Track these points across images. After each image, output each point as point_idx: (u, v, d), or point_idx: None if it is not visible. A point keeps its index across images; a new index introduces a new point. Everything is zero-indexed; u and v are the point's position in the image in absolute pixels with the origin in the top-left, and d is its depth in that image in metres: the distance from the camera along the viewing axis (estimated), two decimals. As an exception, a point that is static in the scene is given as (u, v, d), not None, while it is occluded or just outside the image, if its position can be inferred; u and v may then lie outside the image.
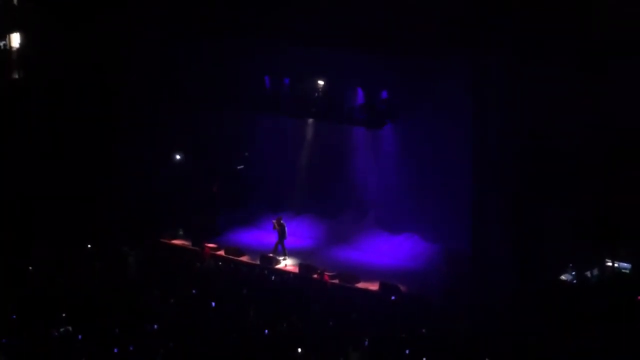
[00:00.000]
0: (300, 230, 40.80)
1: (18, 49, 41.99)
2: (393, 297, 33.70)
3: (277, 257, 37.91)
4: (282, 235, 38.48)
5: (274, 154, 42.59)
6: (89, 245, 37.44)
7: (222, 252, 38.96)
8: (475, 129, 34.38)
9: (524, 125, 33.50)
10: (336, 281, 35.67)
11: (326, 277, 35.51)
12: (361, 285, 35.46)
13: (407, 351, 27.95)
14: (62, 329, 28.07)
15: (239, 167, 43.24)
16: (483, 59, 33.60)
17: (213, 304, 30.89)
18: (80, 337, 27.80)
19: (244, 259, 38.40)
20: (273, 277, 36.22)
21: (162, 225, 40.66)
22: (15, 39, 41.87)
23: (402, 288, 34.45)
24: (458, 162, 35.68)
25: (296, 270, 37.03)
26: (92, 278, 33.66)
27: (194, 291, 32.70)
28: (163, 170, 42.06)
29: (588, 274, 33.49)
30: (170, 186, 41.82)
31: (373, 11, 34.90)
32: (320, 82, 38.61)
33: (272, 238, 38.86)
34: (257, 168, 43.08)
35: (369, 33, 35.04)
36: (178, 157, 42.48)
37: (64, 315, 29.16)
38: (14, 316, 29.37)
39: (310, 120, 41.28)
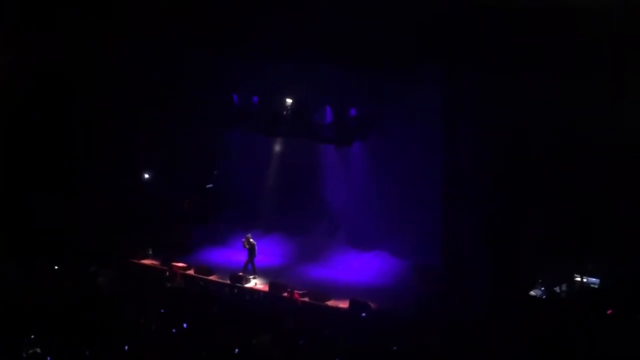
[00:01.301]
0: (270, 248, 40.67)
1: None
2: (363, 314, 33.63)
3: (247, 276, 37.77)
4: (251, 253, 38.36)
5: (243, 171, 42.60)
6: (56, 266, 37.06)
7: (191, 271, 38.77)
8: (445, 144, 34.51)
9: (494, 139, 33.66)
10: (306, 299, 35.57)
11: (296, 295, 35.41)
12: (331, 302, 35.37)
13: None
14: (30, 351, 27.79)
15: (208, 186, 43.13)
16: (452, 74, 33.81)
17: (184, 324, 30.70)
18: (49, 358, 27.53)
19: (214, 277, 38.20)
20: (243, 296, 36.07)
21: (131, 245, 40.36)
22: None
23: (373, 305, 34.38)
24: (428, 178, 35.83)
25: (266, 288, 36.90)
26: (61, 298, 33.34)
27: (162, 310, 32.50)
28: (133, 189, 41.85)
29: (557, 289, 33.64)
30: (139, 204, 41.60)
31: (341, 28, 34.91)
32: (289, 100, 38.62)
33: (241, 256, 38.73)
34: (226, 186, 42.98)
35: (338, 49, 35.05)
36: (147, 175, 42.28)
37: (32, 336, 28.86)
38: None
39: (280, 138, 41.25)
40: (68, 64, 40.25)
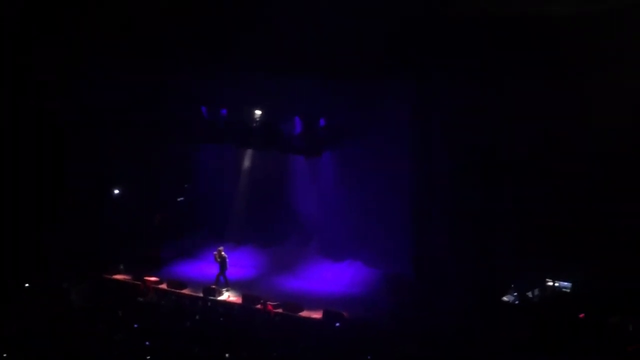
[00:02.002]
0: (242, 260, 40.59)
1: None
2: (337, 324, 33.64)
3: (220, 289, 37.69)
4: (223, 266, 38.28)
5: (213, 184, 42.51)
6: (27, 284, 36.84)
7: (164, 285, 38.62)
8: (415, 154, 34.63)
9: (464, 148, 33.83)
10: (280, 310, 35.50)
11: (270, 307, 35.35)
12: (305, 313, 35.30)
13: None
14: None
15: (179, 199, 43.04)
16: (422, 83, 33.94)
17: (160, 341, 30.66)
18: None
19: (186, 291, 38.04)
20: (216, 309, 35.99)
21: (103, 260, 40.15)
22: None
23: (346, 315, 34.38)
24: (399, 187, 35.94)
25: (239, 301, 36.78)
26: (33, 315, 33.18)
27: (136, 325, 32.39)
28: (103, 204, 41.69)
29: (529, 294, 33.78)
30: (111, 219, 41.43)
31: (310, 39, 34.99)
32: (258, 112, 38.64)
33: (214, 269, 38.61)
34: (198, 199, 42.88)
35: (307, 61, 35.12)
36: (116, 191, 42.15)
37: (4, 355, 28.70)
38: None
39: (250, 150, 41.26)
40: (38, 79, 40.11)
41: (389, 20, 33.47)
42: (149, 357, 29.23)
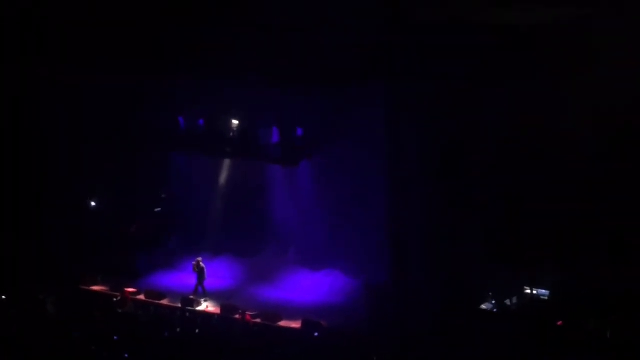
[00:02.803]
0: (220, 270, 40.49)
1: None
2: (316, 334, 33.63)
3: (198, 299, 37.61)
4: (201, 276, 38.23)
5: (190, 194, 42.45)
6: (3, 296, 36.62)
7: (142, 296, 38.49)
8: (389, 160, 34.72)
9: (438, 154, 33.96)
10: (258, 320, 35.49)
11: (248, 317, 35.31)
12: (283, 323, 35.33)
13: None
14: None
15: (156, 210, 42.91)
16: (394, 89, 34.08)
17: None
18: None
19: (165, 302, 37.96)
20: (195, 319, 35.89)
21: (80, 271, 39.95)
22: None
23: (325, 324, 34.40)
24: (375, 195, 36.01)
25: (218, 311, 36.75)
26: (8, 327, 32.94)
27: (115, 337, 32.22)
28: (80, 215, 41.54)
29: (508, 302, 33.91)
30: (87, 230, 41.27)
31: (283, 47, 35.02)
32: (235, 121, 38.64)
33: (192, 280, 38.56)
34: (174, 209, 42.78)
35: (280, 69, 35.14)
36: (93, 203, 42.05)
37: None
38: None
39: (227, 159, 41.23)
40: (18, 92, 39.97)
41: (359, 29, 33.59)
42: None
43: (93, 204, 42.23)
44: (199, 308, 37.20)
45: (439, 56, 32.70)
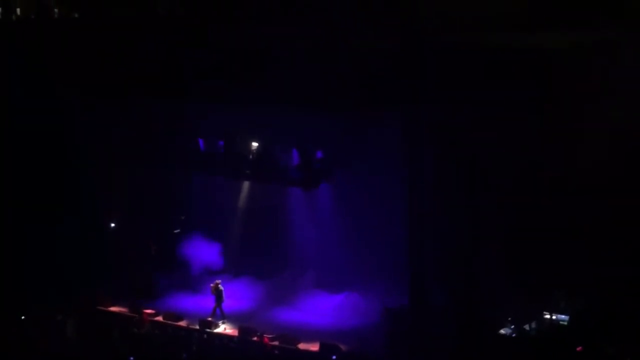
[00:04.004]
0: (238, 292, 40.50)
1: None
2: (334, 357, 33.51)
3: (216, 321, 37.57)
4: (219, 298, 38.20)
5: (210, 215, 42.41)
6: (23, 316, 36.68)
7: (160, 317, 38.51)
8: (409, 184, 34.62)
9: (457, 179, 33.84)
10: (276, 343, 35.40)
11: (266, 340, 35.25)
12: (302, 345, 35.25)
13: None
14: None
15: (175, 231, 42.95)
16: (414, 113, 33.98)
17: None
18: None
19: (183, 323, 37.96)
20: (213, 341, 35.84)
21: (98, 291, 40.02)
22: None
23: (343, 347, 34.25)
24: (395, 218, 35.87)
25: (236, 333, 36.68)
26: (28, 348, 33.03)
27: (132, 358, 32.22)
28: (99, 235, 41.66)
29: (527, 327, 33.68)
30: (106, 251, 41.36)
31: (305, 72, 35.10)
32: (255, 144, 38.71)
33: (210, 301, 38.53)
34: (193, 231, 42.76)
35: (303, 93, 35.20)
36: (113, 225, 42.20)
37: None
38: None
39: (247, 181, 41.26)
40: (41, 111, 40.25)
41: (378, 54, 33.66)
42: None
43: (113, 225, 42.31)
44: (217, 330, 37.17)
45: (458, 82, 32.64)
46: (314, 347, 34.86)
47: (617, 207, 31.43)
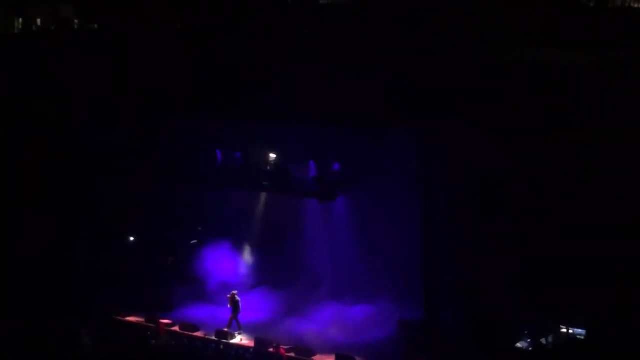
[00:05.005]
0: (254, 303, 40.51)
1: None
2: (350, 369, 33.62)
3: (232, 332, 37.65)
4: (236, 309, 38.28)
5: (227, 227, 42.50)
6: (40, 325, 36.82)
7: (176, 328, 38.61)
8: (424, 197, 34.68)
9: (473, 190, 33.90)
10: (292, 354, 35.48)
11: (282, 351, 35.31)
12: (317, 357, 35.32)
13: None
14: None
15: (192, 242, 43.04)
16: (431, 128, 34.08)
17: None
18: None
19: (199, 334, 38.03)
20: (229, 352, 35.90)
21: (116, 302, 40.15)
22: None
23: (358, 359, 34.26)
24: (410, 231, 35.92)
25: (252, 344, 36.74)
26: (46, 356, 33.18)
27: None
28: (116, 246, 41.82)
29: (543, 340, 33.64)
30: (123, 262, 41.52)
31: (322, 85, 35.24)
32: (272, 155, 38.85)
33: (226, 313, 38.61)
34: (210, 242, 42.85)
35: (320, 107, 35.33)
36: (132, 238, 42.42)
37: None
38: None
39: (263, 193, 41.36)
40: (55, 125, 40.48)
41: (395, 70, 33.79)
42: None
43: (132, 238, 42.51)
44: (233, 341, 37.24)
45: (473, 98, 32.72)
46: (330, 359, 34.91)
47: (634, 222, 31.46)
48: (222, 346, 36.65)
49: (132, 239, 42.65)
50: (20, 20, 42.00)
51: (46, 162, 41.09)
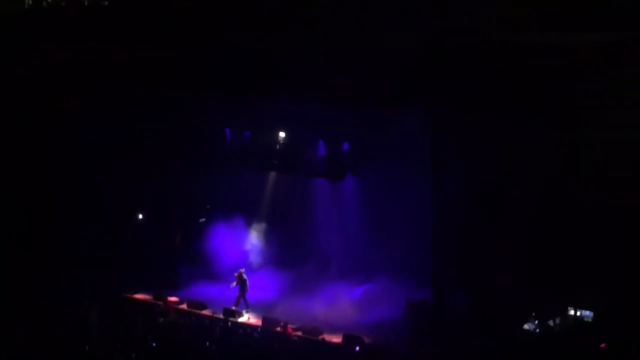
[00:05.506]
0: (262, 282, 40.62)
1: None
2: (357, 349, 33.55)
3: (240, 310, 37.71)
4: (243, 288, 38.33)
5: (235, 205, 42.50)
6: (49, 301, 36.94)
7: (184, 306, 38.71)
8: (434, 179, 34.61)
9: (483, 173, 33.80)
10: (299, 333, 35.51)
11: (289, 330, 35.33)
12: (324, 337, 35.29)
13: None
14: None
15: (200, 220, 43.07)
16: (440, 109, 33.94)
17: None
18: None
19: (207, 312, 38.10)
20: (236, 330, 35.95)
21: (123, 279, 40.23)
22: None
23: (366, 339, 34.31)
24: (419, 212, 35.85)
25: (259, 323, 36.80)
26: (53, 333, 33.23)
27: (154, 344, 32.36)
28: (125, 224, 41.88)
29: (551, 322, 33.60)
30: (132, 239, 41.59)
31: (334, 66, 35.13)
32: (282, 134, 38.80)
33: (234, 291, 38.67)
34: (218, 220, 42.86)
35: (330, 88, 35.23)
36: (140, 216, 42.48)
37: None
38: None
39: (272, 172, 41.33)
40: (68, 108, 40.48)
41: (405, 51, 33.66)
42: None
43: (140, 216, 42.57)
44: (241, 319, 37.32)
45: (483, 80, 32.59)
46: (337, 338, 34.92)
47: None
48: (229, 324, 36.68)
49: (140, 217, 42.67)
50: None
51: (56, 141, 41.14)
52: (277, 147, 39.24)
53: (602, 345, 31.28)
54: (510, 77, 32.16)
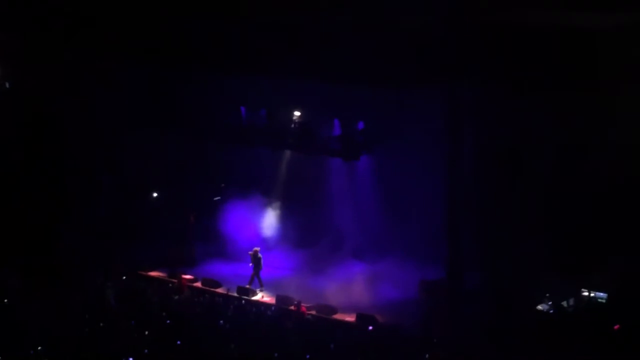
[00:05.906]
0: (276, 261, 40.72)
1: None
2: (370, 328, 33.58)
3: (254, 289, 37.79)
4: (257, 266, 38.42)
5: (250, 184, 42.52)
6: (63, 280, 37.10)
7: (198, 284, 38.83)
8: (450, 159, 34.52)
9: (499, 154, 33.72)
10: (313, 312, 35.55)
11: (303, 309, 35.37)
12: (338, 316, 35.34)
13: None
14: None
15: (215, 199, 43.14)
16: (457, 89, 33.80)
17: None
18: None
19: (221, 290, 38.19)
20: (250, 309, 36.05)
21: (138, 257, 40.37)
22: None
23: (379, 318, 34.33)
24: (434, 192, 35.78)
25: (273, 301, 36.87)
26: (68, 310, 33.35)
27: (168, 322, 32.46)
28: (140, 201, 42.00)
29: (564, 303, 33.57)
30: (147, 217, 41.71)
31: (348, 45, 34.97)
32: (297, 113, 38.74)
33: (248, 269, 38.76)
34: (233, 198, 42.91)
35: (345, 66, 35.08)
36: (155, 194, 42.56)
37: (39, 348, 28.83)
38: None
39: (287, 151, 41.31)
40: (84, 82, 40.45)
41: (422, 30, 33.48)
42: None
43: (155, 194, 42.66)
44: (255, 298, 37.39)
45: (501, 61, 32.41)
46: (351, 317, 34.96)
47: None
48: (243, 302, 36.77)
49: (155, 194, 42.76)
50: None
51: (73, 117, 41.19)
52: (292, 125, 39.13)
53: (616, 326, 31.24)
54: (528, 58, 32.02)
